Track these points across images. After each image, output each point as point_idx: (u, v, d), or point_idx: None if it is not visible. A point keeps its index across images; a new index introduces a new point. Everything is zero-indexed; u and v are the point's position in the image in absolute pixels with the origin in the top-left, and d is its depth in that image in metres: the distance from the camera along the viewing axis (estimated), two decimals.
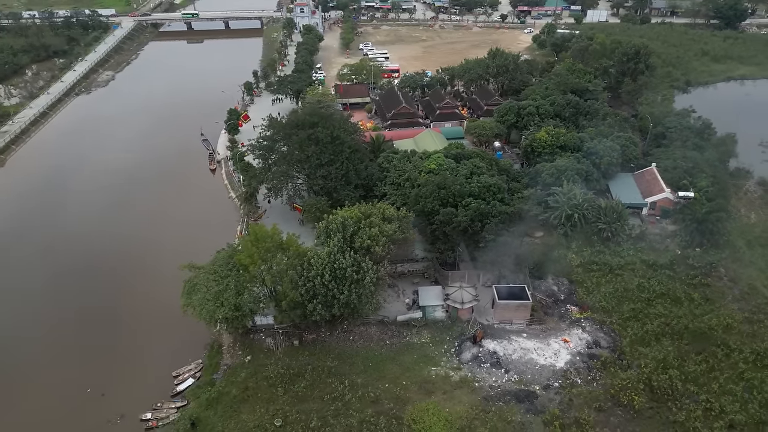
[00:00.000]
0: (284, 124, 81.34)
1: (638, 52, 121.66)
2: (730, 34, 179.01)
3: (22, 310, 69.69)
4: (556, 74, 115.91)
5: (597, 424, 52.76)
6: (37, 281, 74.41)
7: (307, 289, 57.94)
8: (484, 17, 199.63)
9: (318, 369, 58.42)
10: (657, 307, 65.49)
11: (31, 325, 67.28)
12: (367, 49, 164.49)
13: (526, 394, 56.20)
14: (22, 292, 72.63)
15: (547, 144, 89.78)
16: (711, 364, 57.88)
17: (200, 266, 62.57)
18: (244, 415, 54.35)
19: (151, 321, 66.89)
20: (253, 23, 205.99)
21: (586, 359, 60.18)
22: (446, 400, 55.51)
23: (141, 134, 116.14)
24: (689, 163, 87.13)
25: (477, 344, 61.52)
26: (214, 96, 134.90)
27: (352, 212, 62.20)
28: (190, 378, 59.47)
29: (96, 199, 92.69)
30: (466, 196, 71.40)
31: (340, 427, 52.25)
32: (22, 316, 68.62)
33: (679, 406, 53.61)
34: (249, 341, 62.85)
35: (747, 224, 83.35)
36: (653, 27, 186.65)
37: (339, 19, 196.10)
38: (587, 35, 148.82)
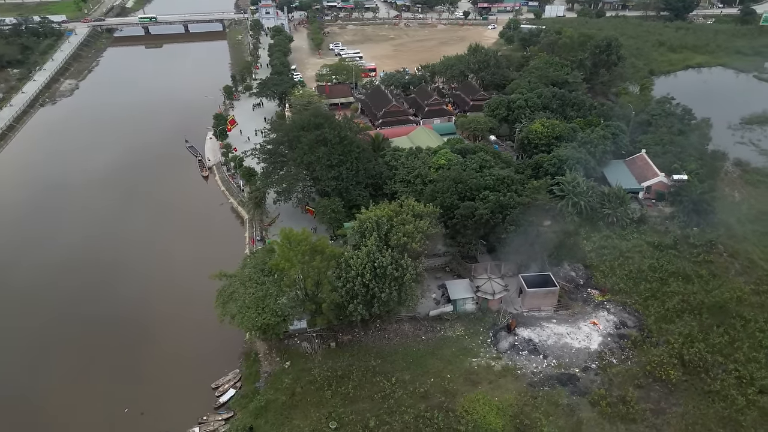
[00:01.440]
0: (290, 127, 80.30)
1: (610, 44, 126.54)
2: (681, 25, 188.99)
3: (41, 335, 66.29)
4: (536, 68, 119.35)
5: (640, 400, 55.02)
6: (48, 302, 70.80)
7: (347, 290, 57.74)
8: (448, 15, 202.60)
9: (362, 369, 58.30)
10: (672, 286, 68.74)
11: (50, 352, 64.00)
12: (338, 49, 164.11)
13: (567, 378, 57.99)
14: (32, 313, 69.00)
15: (544, 135, 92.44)
16: (732, 335, 61.31)
17: (231, 274, 61.22)
18: (297, 420, 53.66)
19: (176, 336, 64.99)
20: (214, 26, 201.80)
21: (617, 339, 62.62)
22: (493, 390, 56.57)
23: (120, 144, 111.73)
24: (677, 147, 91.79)
25: (511, 333, 62.92)
26: (189, 101, 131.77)
27: (383, 210, 62.23)
28: (231, 389, 58.16)
29: (91, 216, 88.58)
30: (482, 189, 72.84)
31: (398, 424, 52.36)
32: (42, 343, 65.29)
33: (712, 377, 56.61)
34: (285, 347, 61.93)
35: (733, 203, 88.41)
36: (609, 20, 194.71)
37: (304, 20, 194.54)
38: (555, 29, 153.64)
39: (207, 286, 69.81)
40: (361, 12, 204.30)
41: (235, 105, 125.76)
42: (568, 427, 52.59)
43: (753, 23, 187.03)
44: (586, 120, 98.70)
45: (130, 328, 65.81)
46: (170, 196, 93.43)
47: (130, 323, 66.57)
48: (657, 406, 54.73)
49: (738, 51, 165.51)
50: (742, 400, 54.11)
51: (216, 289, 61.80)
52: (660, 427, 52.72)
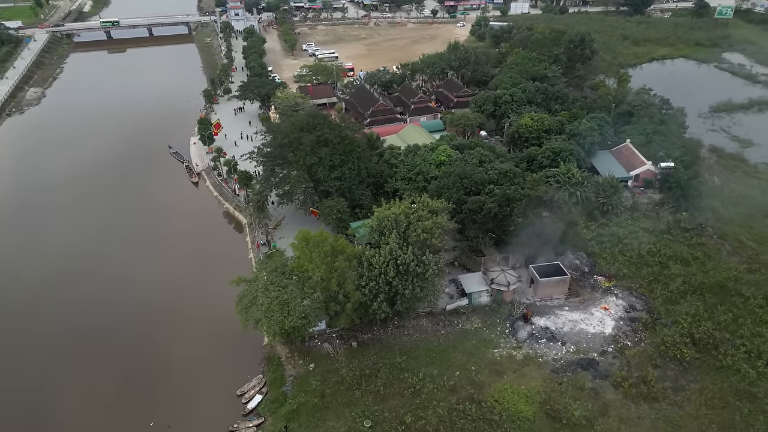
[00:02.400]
0: (289, 128, 79.60)
1: (583, 39, 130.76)
2: (642, 20, 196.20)
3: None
4: (516, 63, 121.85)
5: (659, 379, 57.16)
6: (47, 317, 68.08)
7: (370, 288, 57.90)
8: (417, 13, 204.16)
9: (389, 366, 58.50)
10: (672, 269, 71.51)
11: (61, 370, 61.66)
12: (312, 49, 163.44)
13: (587, 362, 59.71)
14: (30, 331, 66.23)
15: (534, 129, 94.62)
16: (735, 312, 64.32)
17: (250, 279, 60.39)
18: (330, 421, 53.46)
19: (191, 346, 63.46)
20: (179, 29, 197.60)
21: (628, 323, 64.82)
22: (518, 378, 57.73)
23: (101, 154, 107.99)
24: (660, 136, 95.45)
25: (528, 322, 64.30)
26: (166, 107, 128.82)
27: (399, 207, 62.55)
28: (257, 395, 57.36)
29: (81, 230, 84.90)
30: (487, 183, 74.06)
31: (433, 418, 52.81)
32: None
33: (723, 353, 59.31)
34: (306, 349, 61.47)
35: (715, 187, 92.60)
36: (573, 16, 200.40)
37: (272, 21, 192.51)
38: (526, 26, 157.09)
39: (215, 294, 69.62)
40: (329, 12, 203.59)
41: (215, 109, 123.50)
42: (596, 409, 54.17)
43: (707, 16, 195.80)
44: (570, 113, 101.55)
45: (141, 342, 63.85)
46: (163, 205, 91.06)
47: (140, 337, 64.57)
48: (675, 384, 56.99)
49: (697, 43, 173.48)
50: (753, 373, 56.95)
51: (227, 294, 61.11)
52: (681, 404, 54.94)
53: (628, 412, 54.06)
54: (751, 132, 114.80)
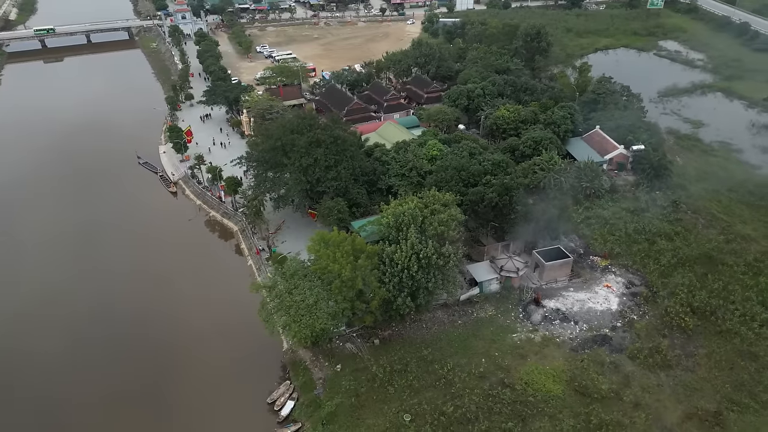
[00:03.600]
0: (281, 131, 78.31)
1: (539, 32, 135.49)
2: (580, 12, 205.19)
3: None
4: (479, 58, 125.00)
5: (669, 348, 60.79)
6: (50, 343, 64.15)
7: (394, 284, 58.30)
8: (366, 12, 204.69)
9: (417, 360, 59.13)
10: (660, 244, 75.93)
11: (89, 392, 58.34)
12: (267, 51, 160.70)
13: (602, 338, 62.61)
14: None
15: (511, 120, 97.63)
16: (724, 280, 69.19)
17: (268, 285, 59.26)
18: (369, 420, 53.51)
19: (208, 361, 61.68)
20: (119, 35, 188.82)
21: (630, 298, 68.39)
22: (541, 359, 59.80)
23: (65, 170, 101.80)
24: (626, 121, 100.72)
25: (540, 306, 66.61)
26: (124, 116, 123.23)
27: (411, 203, 63.12)
28: (288, 400, 56.52)
29: (59, 253, 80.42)
30: (484, 174, 75.90)
31: (472, 405, 53.86)
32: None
33: (721, 318, 63.78)
34: (329, 351, 61.08)
35: (679, 166, 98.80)
36: (516, 11, 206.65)
37: (220, 24, 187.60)
38: (479, 21, 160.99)
39: (221, 305, 69.17)
40: (278, 13, 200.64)
41: (178, 116, 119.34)
42: (619, 381, 56.96)
43: (639, 7, 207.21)
44: (540, 103, 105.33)
45: (152, 362, 61.29)
46: (144, 218, 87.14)
47: (149, 357, 61.90)
48: (684, 350, 60.78)
49: (635, 32, 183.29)
50: (751, 335, 61.61)
51: (233, 304, 62.68)
52: (693, 369, 58.68)
53: (648, 381, 57.20)
54: (698, 113, 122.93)
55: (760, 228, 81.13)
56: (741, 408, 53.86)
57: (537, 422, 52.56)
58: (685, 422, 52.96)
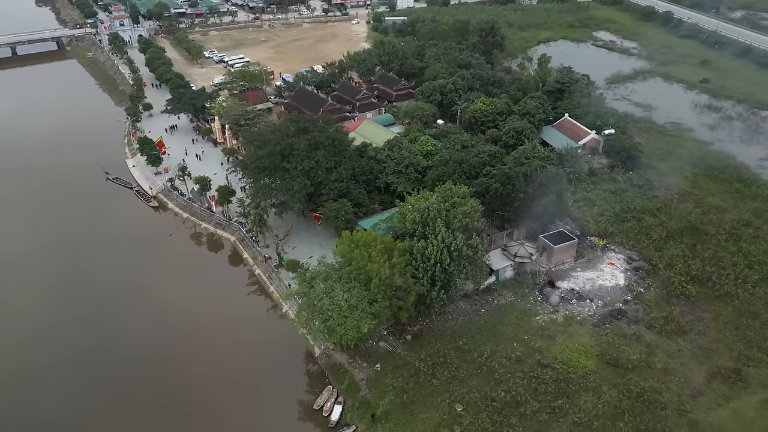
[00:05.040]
0: (279, 137, 76.70)
1: (493, 27, 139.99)
2: (516, 7, 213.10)
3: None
4: (443, 54, 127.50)
5: (680, 315, 65.15)
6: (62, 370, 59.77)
7: (428, 279, 58.95)
8: (309, 13, 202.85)
9: (454, 351, 60.09)
10: (647, 221, 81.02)
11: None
12: (217, 56, 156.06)
13: (618, 312, 66.14)
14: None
15: (489, 112, 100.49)
16: (712, 249, 74.85)
17: (302, 291, 58.15)
18: (423, 414, 53.95)
19: (241, 375, 59.91)
20: (48, 45, 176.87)
21: (634, 272, 72.58)
22: (569, 338, 62.42)
23: (27, 193, 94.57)
24: (593, 108, 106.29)
25: (555, 287, 69.38)
26: (77, 131, 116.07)
27: (433, 197, 63.81)
28: (335, 404, 55.86)
29: (67, 279, 74.67)
30: (483, 166, 77.92)
31: (520, 389, 55.43)
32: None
33: (718, 283, 69.02)
34: (364, 352, 60.86)
35: (643, 148, 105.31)
36: (456, 7, 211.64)
37: (159, 30, 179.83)
38: (430, 18, 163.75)
39: (238, 317, 67.99)
40: (217, 17, 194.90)
41: (140, 128, 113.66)
42: (643, 350, 60.45)
43: (570, 1, 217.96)
44: (510, 95, 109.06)
45: (186, 384, 58.71)
46: (131, 237, 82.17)
47: (182, 380, 59.16)
48: (693, 316, 65.35)
49: (570, 25, 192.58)
50: (747, 295, 67.17)
51: (250, 315, 63.96)
52: (704, 332, 63.24)
53: (669, 347, 61.14)
54: (646, 98, 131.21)
55: (728, 198, 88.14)
56: (756, 362, 58.69)
57: (582, 397, 54.96)
58: (710, 381, 57.08)
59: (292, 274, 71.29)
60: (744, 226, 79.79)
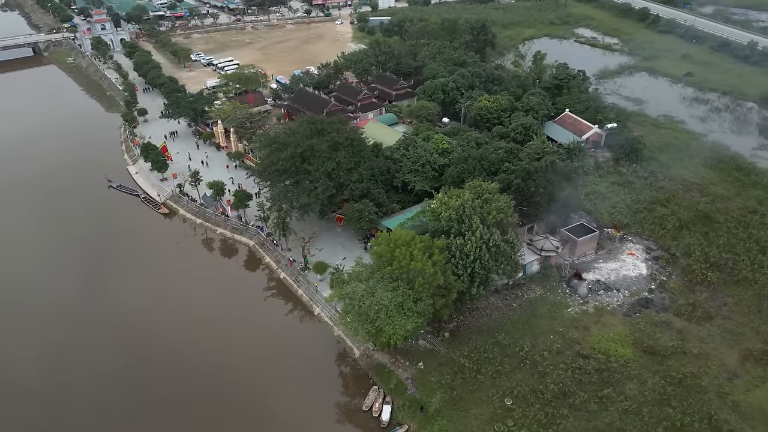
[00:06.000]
0: (298, 139, 75.98)
1: (484, 25, 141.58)
2: (497, 6, 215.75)
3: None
4: (439, 53, 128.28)
5: (704, 301, 67.11)
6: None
7: (467, 275, 59.31)
8: (291, 14, 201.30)
9: (494, 346, 60.56)
10: (658, 211, 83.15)
11: None
12: (204, 59, 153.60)
13: (645, 301, 67.73)
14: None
15: (494, 110, 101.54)
16: (724, 237, 77.27)
17: (346, 292, 57.76)
18: (473, 409, 54.27)
19: (283, 380, 59.37)
20: (23, 51, 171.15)
21: (653, 261, 74.42)
22: (603, 328, 63.61)
23: (30, 205, 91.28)
24: (593, 102, 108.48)
25: (582, 279, 70.60)
26: (70, 138, 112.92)
27: (465, 194, 64.10)
28: (384, 405, 55.72)
29: (93, 295, 72.00)
30: (501, 162, 78.70)
31: (568, 380, 56.20)
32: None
33: (736, 269, 71.33)
34: (403, 351, 60.83)
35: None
36: (437, 6, 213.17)
37: (140, 33, 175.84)
38: (418, 17, 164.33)
39: (270, 323, 67.92)
40: (197, 19, 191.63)
41: (137, 133, 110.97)
42: (676, 337, 62.03)
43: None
44: (510, 92, 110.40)
45: (234, 396, 57.71)
46: (148, 247, 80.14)
47: (228, 391, 58.10)
48: (716, 302, 67.38)
49: (551, 22, 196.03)
50: (765, 280, 69.58)
51: (282, 321, 63.58)
52: (730, 317, 65.24)
53: (699, 333, 62.90)
54: (635, 92, 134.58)
55: (729, 187, 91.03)
56: None
57: (627, 385, 56.07)
58: (744, 364, 58.96)
59: (319, 276, 71.13)
60: (750, 213, 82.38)
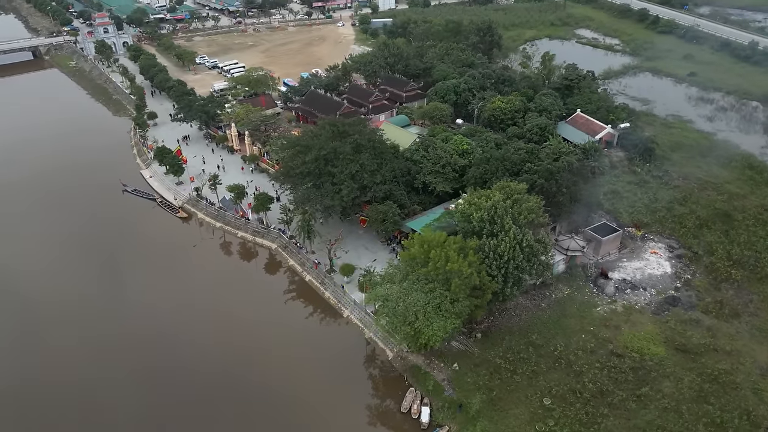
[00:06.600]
0: (322, 142, 75.86)
1: (490, 26, 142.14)
2: (496, 7, 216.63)
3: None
4: (447, 54, 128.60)
5: (730, 299, 67.75)
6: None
7: (502, 275, 59.44)
8: (292, 16, 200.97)
9: (528, 346, 60.73)
10: (677, 209, 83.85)
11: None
12: (210, 62, 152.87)
13: (672, 299, 68.22)
14: None
15: (508, 110, 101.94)
16: (745, 234, 78.03)
17: (382, 294, 57.68)
18: (512, 410, 54.39)
19: (317, 384, 59.04)
20: (23, 55, 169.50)
21: (677, 260, 75.01)
22: (633, 327, 63.96)
23: (51, 211, 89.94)
24: (604, 103, 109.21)
25: (608, 279, 70.99)
26: (75, 144, 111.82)
27: (496, 195, 64.24)
28: (422, 406, 55.69)
29: (121, 303, 71.21)
30: (524, 162, 79.00)
31: (605, 379, 56.44)
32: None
33: (758, 266, 72.06)
34: (437, 352, 60.81)
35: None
36: (437, 8, 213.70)
37: (142, 36, 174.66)
38: (422, 19, 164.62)
39: (301, 326, 67.73)
40: (198, 22, 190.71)
41: (147, 137, 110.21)
42: (706, 335, 62.51)
43: (546, 0, 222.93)
44: (521, 92, 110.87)
45: (271, 401, 57.52)
46: (169, 252, 79.54)
47: (267, 397, 57.89)
48: (742, 299, 68.04)
49: (552, 23, 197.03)
50: None
51: (307, 324, 63.25)
52: (756, 313, 65.88)
53: (729, 330, 63.44)
54: (641, 92, 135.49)
55: (743, 186, 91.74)
56: None
57: (663, 383, 56.40)
58: None
59: (346, 278, 71.03)
60: (767, 211, 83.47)
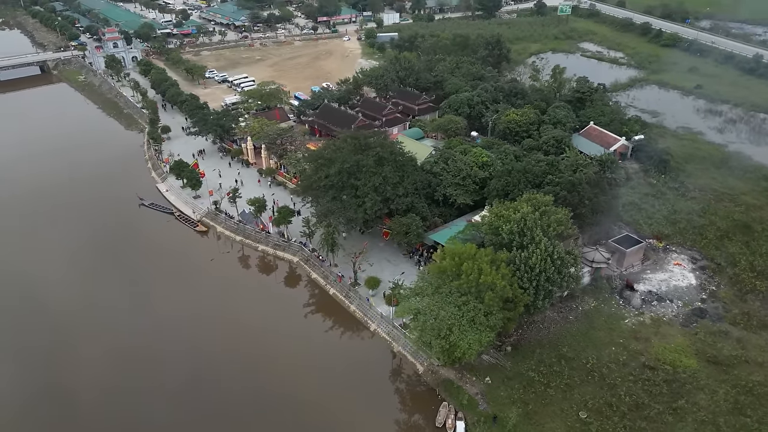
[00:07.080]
0: (345, 155, 75.91)
1: (498, 40, 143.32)
2: (500, 21, 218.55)
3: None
4: (457, 68, 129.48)
5: (757, 310, 67.70)
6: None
7: (533, 288, 59.27)
8: (298, 31, 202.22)
9: (559, 359, 60.40)
10: (696, 221, 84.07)
11: None
12: (219, 76, 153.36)
13: (699, 311, 68.09)
14: None
15: (522, 123, 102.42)
16: (767, 245, 78.20)
17: (414, 307, 57.35)
18: (548, 424, 53.96)
19: (356, 400, 58.56)
20: (30, 70, 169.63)
21: (700, 271, 75.02)
22: (662, 339, 63.73)
23: (72, 227, 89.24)
24: (617, 115, 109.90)
25: (634, 290, 70.88)
26: (95, 155, 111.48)
27: (524, 207, 64.23)
28: (456, 421, 55.18)
29: (153, 319, 70.58)
30: (545, 174, 79.19)
31: (640, 392, 56.09)
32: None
33: None
34: (468, 366, 60.40)
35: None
36: (442, 22, 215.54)
37: (149, 51, 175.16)
38: (430, 33, 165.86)
39: (330, 340, 67.16)
40: (205, 37, 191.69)
41: (163, 150, 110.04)
42: (737, 346, 62.31)
43: (547, 14, 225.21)
44: (534, 105, 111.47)
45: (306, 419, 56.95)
46: (193, 266, 79.16)
47: (300, 415, 57.32)
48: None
49: (555, 37, 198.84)
50: None
51: (333, 337, 63.04)
52: None
53: (759, 341, 63.28)
54: (649, 104, 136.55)
55: (759, 197, 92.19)
56: None
57: (698, 395, 56.09)
58: None
59: (371, 291, 70.72)
60: None
